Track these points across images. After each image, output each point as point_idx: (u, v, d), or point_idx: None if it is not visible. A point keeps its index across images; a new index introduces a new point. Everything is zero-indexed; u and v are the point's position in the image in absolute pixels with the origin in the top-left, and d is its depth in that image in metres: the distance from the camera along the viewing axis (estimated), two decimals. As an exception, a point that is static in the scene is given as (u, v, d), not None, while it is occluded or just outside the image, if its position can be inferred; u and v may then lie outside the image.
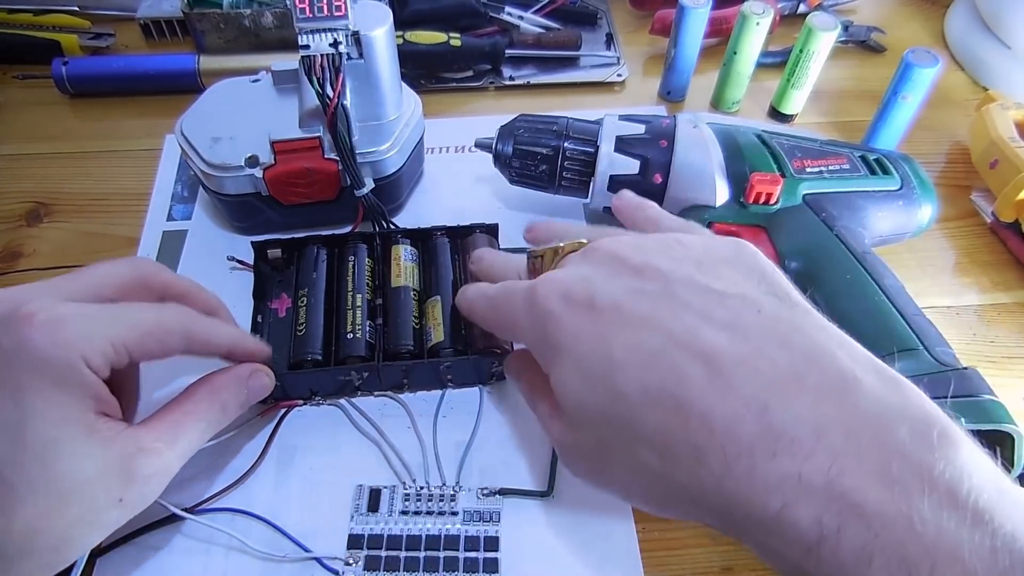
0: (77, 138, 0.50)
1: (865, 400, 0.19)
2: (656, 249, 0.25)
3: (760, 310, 0.22)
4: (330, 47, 0.36)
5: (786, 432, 0.19)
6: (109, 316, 0.26)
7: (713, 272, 0.24)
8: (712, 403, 0.20)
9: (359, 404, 0.36)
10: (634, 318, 0.22)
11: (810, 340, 0.21)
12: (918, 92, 0.44)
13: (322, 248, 0.39)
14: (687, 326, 0.22)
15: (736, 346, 0.21)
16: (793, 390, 0.20)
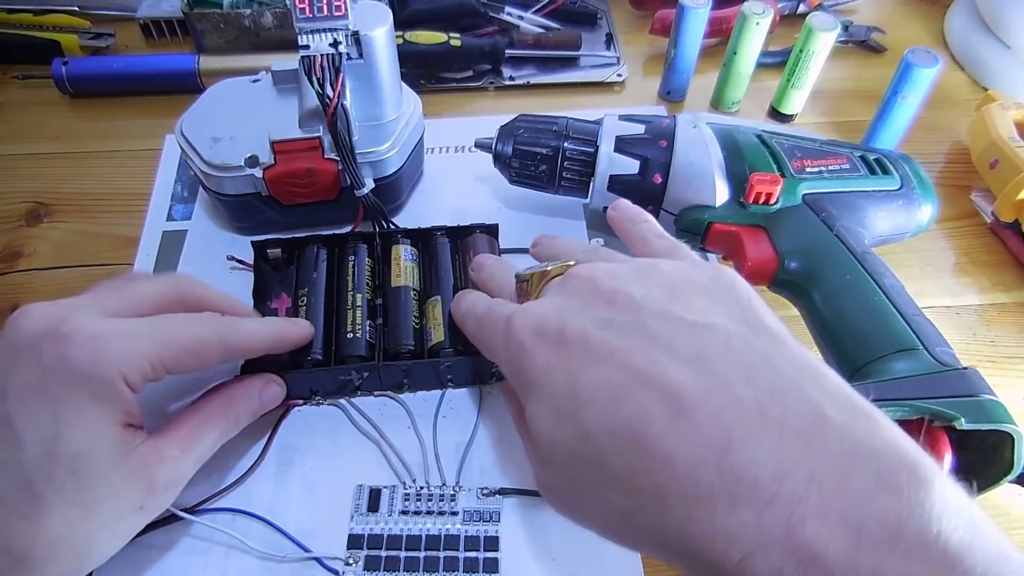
0: (77, 138, 0.50)
1: (833, 439, 0.19)
2: (631, 276, 0.25)
3: (730, 341, 0.21)
4: (330, 47, 0.36)
5: (747, 477, 0.18)
6: (147, 332, 0.27)
7: (687, 300, 0.23)
8: (675, 445, 0.20)
9: (359, 404, 0.36)
10: (601, 352, 0.22)
11: (779, 373, 0.20)
12: (918, 92, 0.44)
13: (322, 248, 0.39)
14: (653, 361, 0.21)
15: (701, 382, 0.20)
16: (756, 430, 0.19)
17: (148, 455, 0.26)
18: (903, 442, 0.19)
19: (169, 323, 0.28)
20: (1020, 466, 0.28)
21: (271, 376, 0.33)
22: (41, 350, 0.25)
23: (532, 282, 0.28)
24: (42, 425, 0.24)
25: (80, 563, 0.26)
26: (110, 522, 0.26)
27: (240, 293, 0.37)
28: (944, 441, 0.29)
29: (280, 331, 0.32)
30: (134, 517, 0.27)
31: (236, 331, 0.30)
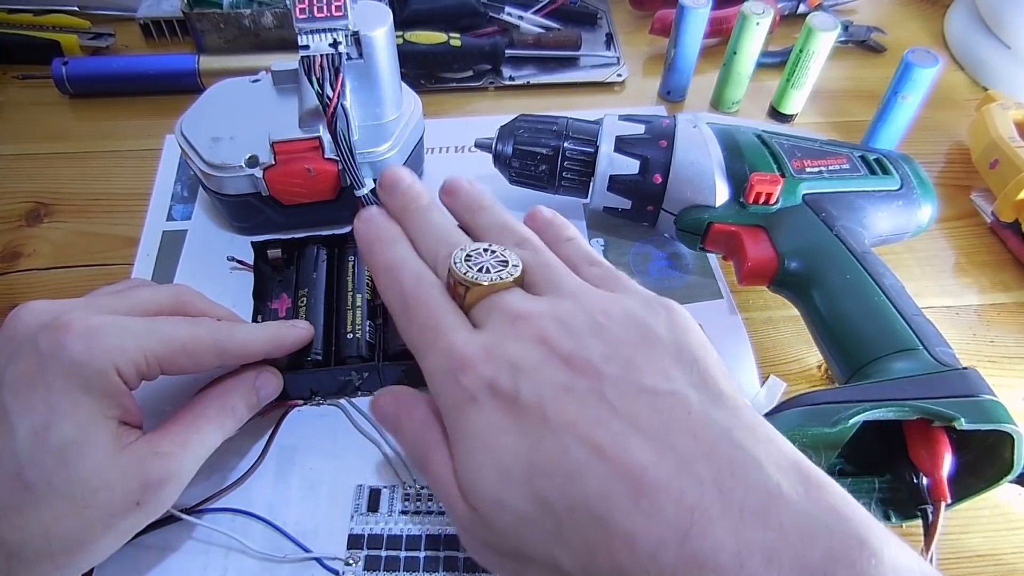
0: (77, 138, 0.50)
1: (788, 517, 0.19)
2: (587, 332, 0.24)
3: (690, 411, 0.21)
4: (330, 47, 0.36)
5: (708, 561, 0.19)
6: (144, 329, 0.27)
7: (645, 362, 0.23)
8: (636, 526, 0.20)
9: (359, 404, 0.36)
10: (560, 422, 0.21)
11: (737, 448, 0.21)
12: (918, 92, 0.44)
13: (322, 248, 0.39)
14: (614, 436, 0.21)
15: (663, 461, 0.20)
16: (717, 512, 0.19)
17: (142, 450, 0.26)
18: (853, 511, 0.20)
19: (165, 323, 0.28)
20: (1020, 466, 0.28)
21: (264, 366, 0.32)
22: (38, 340, 0.25)
23: (471, 292, 0.25)
24: (34, 414, 0.24)
25: (74, 559, 0.26)
26: (105, 518, 0.26)
27: (240, 293, 0.38)
28: (944, 441, 0.29)
29: (277, 336, 0.32)
30: (131, 514, 0.26)
31: (232, 335, 0.30)
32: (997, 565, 0.32)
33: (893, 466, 0.32)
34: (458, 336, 0.25)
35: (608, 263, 0.28)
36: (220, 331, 0.29)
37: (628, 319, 0.24)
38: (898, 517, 0.32)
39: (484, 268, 0.26)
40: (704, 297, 0.42)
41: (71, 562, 0.26)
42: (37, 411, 0.24)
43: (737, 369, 0.38)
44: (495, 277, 0.25)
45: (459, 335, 0.25)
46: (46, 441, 0.24)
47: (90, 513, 0.25)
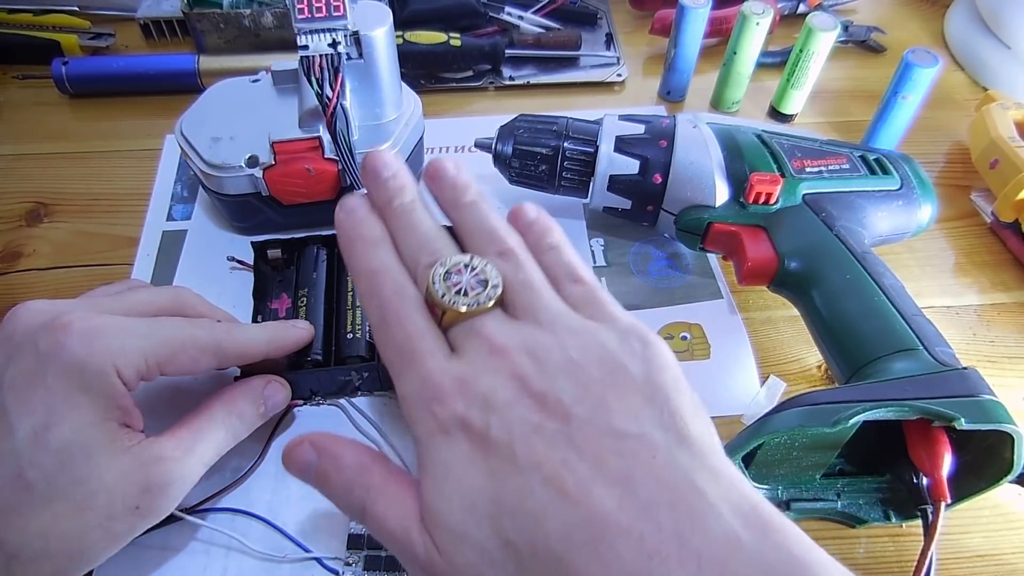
0: (77, 138, 0.50)
1: (745, 566, 0.20)
2: (561, 370, 0.23)
3: (655, 455, 0.22)
4: (329, 47, 0.36)
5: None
6: (144, 330, 0.27)
7: (616, 402, 0.23)
8: (597, 572, 0.20)
9: (359, 404, 0.36)
10: (525, 463, 0.22)
11: (699, 496, 0.21)
12: (918, 92, 0.44)
13: (322, 248, 0.39)
14: (579, 480, 0.21)
15: (624, 507, 0.21)
16: (676, 560, 0.20)
17: (143, 454, 0.26)
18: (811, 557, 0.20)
19: (164, 324, 0.28)
20: (1020, 466, 0.28)
21: (272, 377, 0.33)
22: (38, 340, 0.25)
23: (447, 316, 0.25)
24: (34, 414, 0.24)
25: (73, 562, 0.26)
26: (104, 520, 0.25)
27: (240, 293, 0.38)
28: (944, 441, 0.29)
29: (276, 337, 0.32)
30: (130, 518, 0.26)
31: (231, 335, 0.30)
32: (997, 565, 0.32)
33: (893, 466, 0.32)
34: (435, 363, 0.24)
35: (591, 278, 0.28)
36: (219, 331, 0.29)
37: (603, 356, 0.24)
38: (898, 517, 0.32)
39: (463, 290, 0.25)
40: (704, 297, 0.42)
41: (70, 564, 0.26)
42: (37, 411, 0.24)
43: (737, 369, 0.38)
44: (473, 302, 0.25)
45: (436, 362, 0.24)
46: (46, 442, 0.24)
47: (89, 516, 0.25)
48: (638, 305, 0.41)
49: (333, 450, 0.25)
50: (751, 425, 0.30)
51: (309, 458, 0.25)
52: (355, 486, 0.24)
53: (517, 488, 0.22)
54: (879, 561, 0.32)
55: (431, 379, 0.24)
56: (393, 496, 0.24)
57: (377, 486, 0.24)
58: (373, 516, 0.24)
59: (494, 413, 0.23)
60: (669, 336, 0.40)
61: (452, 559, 0.22)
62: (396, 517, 0.23)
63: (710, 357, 0.39)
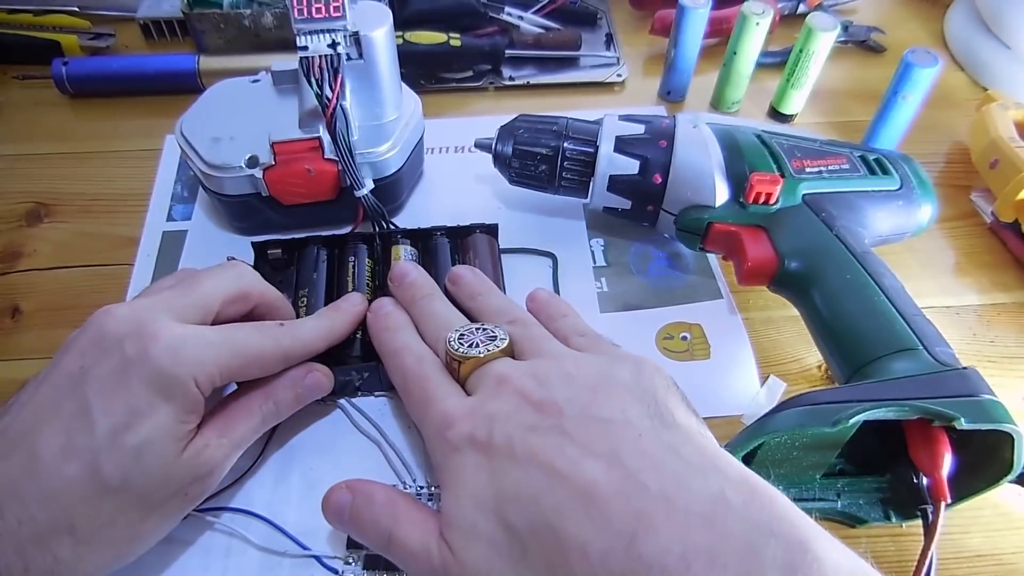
0: (77, 138, 0.50)
1: (733, 522, 0.20)
2: (558, 380, 0.27)
3: (640, 435, 0.24)
4: (328, 48, 0.36)
5: (655, 563, 0.20)
6: (220, 342, 0.29)
7: (606, 399, 0.25)
8: (589, 536, 0.21)
9: (359, 404, 0.36)
10: (525, 455, 0.24)
11: (683, 463, 0.22)
12: (918, 92, 0.44)
13: (322, 248, 0.39)
14: (568, 459, 0.23)
15: (612, 475, 0.22)
16: (663, 517, 0.21)
17: (196, 446, 0.28)
18: (798, 519, 0.21)
19: (239, 335, 0.30)
20: (1020, 466, 0.28)
21: (316, 365, 0.33)
22: (125, 345, 0.27)
23: (464, 366, 0.29)
24: (116, 413, 0.26)
25: (133, 546, 0.28)
26: (161, 509, 0.27)
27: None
28: (944, 441, 0.29)
29: (335, 328, 0.34)
30: (180, 503, 0.28)
31: (295, 339, 0.32)
32: (997, 565, 0.32)
33: (893, 466, 0.32)
34: (448, 402, 0.28)
35: (596, 332, 0.32)
36: (285, 339, 0.31)
37: (597, 369, 0.27)
38: (898, 517, 0.32)
39: (474, 344, 0.29)
40: (704, 297, 0.42)
41: (130, 549, 0.28)
42: (119, 411, 0.26)
43: (737, 369, 0.38)
44: (483, 351, 0.29)
45: (449, 401, 0.28)
46: (124, 440, 0.26)
47: (151, 504, 0.27)
48: (638, 305, 0.41)
49: (366, 490, 0.29)
50: (751, 425, 0.30)
51: (344, 499, 0.29)
52: (383, 517, 0.27)
53: (516, 478, 0.24)
54: (879, 561, 0.32)
55: (445, 412, 0.27)
56: (416, 520, 0.27)
57: (402, 514, 0.27)
58: (397, 539, 0.27)
59: (496, 423, 0.26)
60: (669, 336, 0.40)
61: (464, 557, 0.24)
62: (417, 537, 0.26)
63: (710, 357, 0.39)
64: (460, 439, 0.26)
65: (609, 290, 0.42)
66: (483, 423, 0.26)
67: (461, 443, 0.26)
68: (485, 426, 0.26)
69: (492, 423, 0.26)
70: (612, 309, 0.41)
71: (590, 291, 0.42)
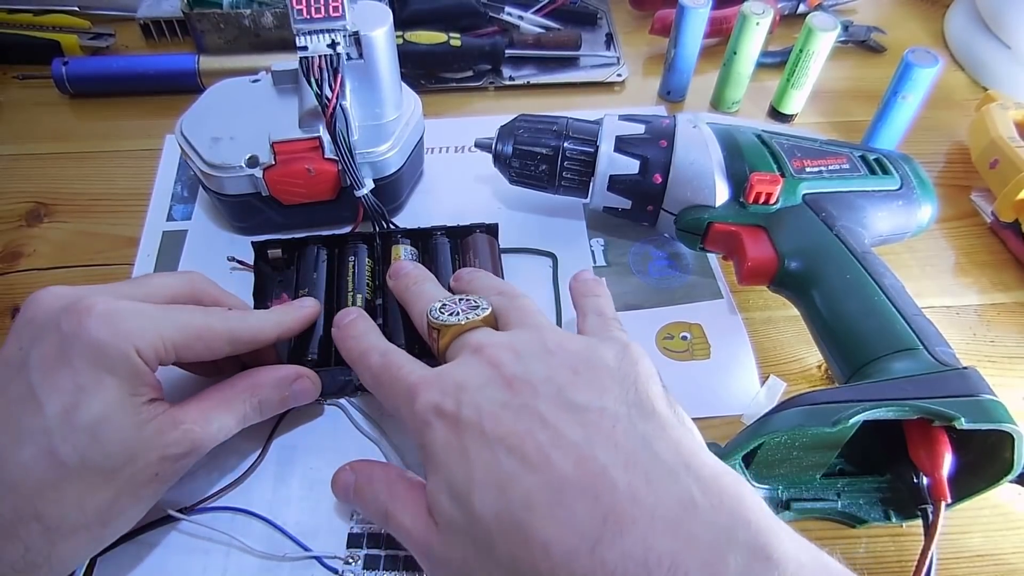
0: (77, 138, 0.50)
1: (699, 528, 0.20)
2: (538, 356, 0.26)
3: (615, 425, 0.23)
4: (328, 48, 0.36)
5: (617, 568, 0.20)
6: (161, 315, 0.28)
7: (584, 382, 0.25)
8: (553, 534, 0.21)
9: (359, 404, 0.36)
10: (494, 435, 0.23)
11: (656, 459, 0.22)
12: (918, 92, 0.44)
13: (322, 248, 0.39)
14: (539, 446, 0.23)
15: (581, 469, 0.22)
16: (628, 519, 0.21)
17: (164, 423, 0.27)
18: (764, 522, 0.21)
19: (181, 311, 0.29)
20: (1020, 466, 0.28)
21: (305, 370, 0.33)
22: (60, 322, 0.26)
23: (443, 333, 0.29)
24: (63, 393, 0.25)
25: (107, 528, 0.27)
26: (131, 488, 0.27)
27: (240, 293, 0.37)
28: (944, 441, 0.29)
29: (285, 319, 0.33)
30: (152, 485, 0.27)
31: (243, 322, 0.31)
32: (997, 565, 0.32)
33: (893, 466, 0.32)
34: (414, 374, 0.27)
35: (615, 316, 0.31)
36: (232, 319, 0.30)
37: (580, 348, 0.26)
38: (898, 517, 0.32)
39: (455, 313, 0.29)
40: (704, 297, 0.42)
41: (104, 532, 0.27)
42: (65, 390, 0.25)
43: (737, 369, 0.38)
44: (463, 318, 0.29)
45: (415, 373, 0.27)
46: (76, 419, 0.25)
47: (118, 484, 0.26)
48: (638, 305, 0.41)
49: (367, 470, 0.29)
50: (751, 425, 0.30)
51: (348, 479, 0.29)
52: (380, 494, 0.28)
53: (485, 462, 0.23)
54: (879, 561, 0.32)
55: (410, 384, 0.27)
56: (410, 499, 0.27)
57: (398, 492, 0.27)
58: (392, 516, 0.27)
59: (465, 394, 0.25)
60: (669, 336, 0.40)
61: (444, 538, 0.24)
62: (410, 515, 0.26)
63: (710, 357, 0.39)
64: (427, 409, 0.25)
65: (609, 289, 0.42)
66: (451, 392, 0.25)
67: (429, 415, 0.25)
68: (453, 396, 0.25)
69: (460, 393, 0.25)
70: (612, 309, 0.41)
71: (590, 291, 0.42)
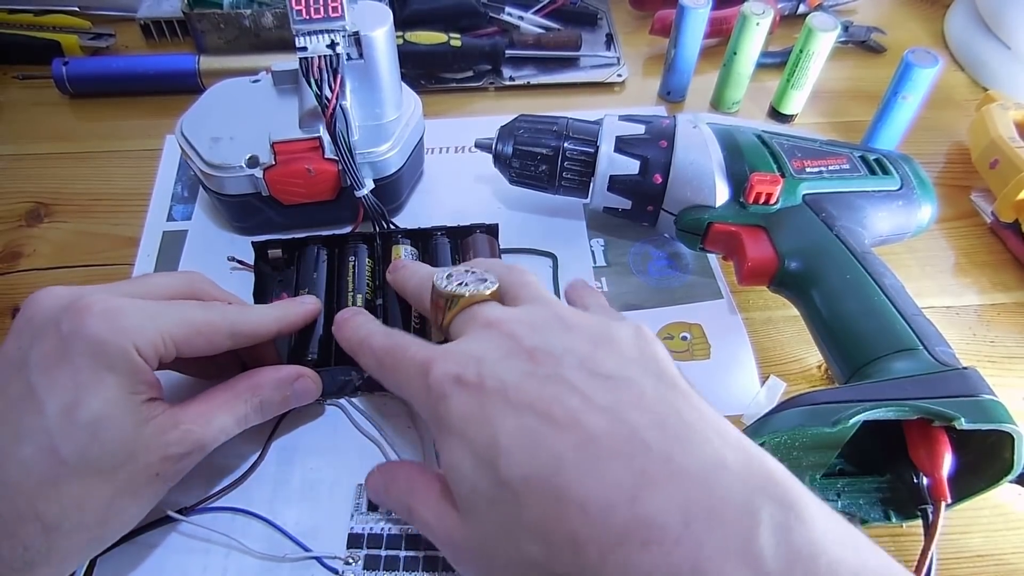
0: (77, 138, 0.50)
1: (730, 484, 0.21)
2: (554, 328, 0.26)
3: (643, 393, 0.23)
4: (327, 48, 0.36)
5: (655, 521, 0.20)
6: (160, 311, 0.28)
7: (605, 354, 0.24)
8: (588, 491, 0.21)
9: (359, 404, 0.36)
10: (520, 402, 0.23)
11: (684, 423, 0.22)
12: (918, 92, 0.44)
13: (322, 248, 0.39)
14: (569, 408, 0.22)
15: (614, 428, 0.22)
16: (664, 476, 0.21)
17: (165, 423, 0.27)
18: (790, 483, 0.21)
19: (180, 306, 0.29)
20: (1020, 466, 0.28)
21: (306, 370, 0.33)
22: (60, 321, 0.26)
23: (452, 303, 0.27)
24: (63, 391, 0.25)
25: (106, 528, 0.27)
26: (131, 488, 0.27)
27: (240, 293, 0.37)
28: (944, 441, 0.29)
29: (286, 315, 0.33)
30: (152, 484, 0.27)
31: (244, 316, 0.31)
32: (997, 565, 0.32)
33: (893, 466, 0.32)
34: (419, 350, 0.27)
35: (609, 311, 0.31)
36: (232, 314, 0.30)
37: (596, 324, 0.26)
38: (898, 517, 0.32)
39: (463, 283, 0.28)
40: (704, 297, 0.42)
41: (104, 532, 0.27)
42: (65, 389, 0.25)
43: (737, 369, 0.38)
44: (472, 290, 0.28)
45: (420, 349, 0.27)
46: (76, 417, 0.25)
47: (118, 484, 0.26)
48: (638, 305, 0.41)
49: (392, 470, 0.30)
50: (751, 425, 0.30)
51: (378, 481, 0.30)
52: (403, 494, 0.28)
53: (512, 427, 0.23)
54: (879, 561, 0.32)
55: (420, 359, 0.26)
56: (429, 491, 0.27)
57: (418, 488, 0.27)
58: (415, 512, 0.27)
59: (486, 365, 0.24)
60: (669, 336, 0.40)
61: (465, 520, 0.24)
62: (430, 506, 0.26)
63: (710, 357, 0.39)
64: (445, 381, 0.25)
65: (609, 290, 0.42)
66: (469, 364, 0.25)
67: (446, 385, 0.24)
68: (474, 368, 0.24)
69: (479, 365, 0.24)
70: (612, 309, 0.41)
71: (590, 291, 0.42)
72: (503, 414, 0.23)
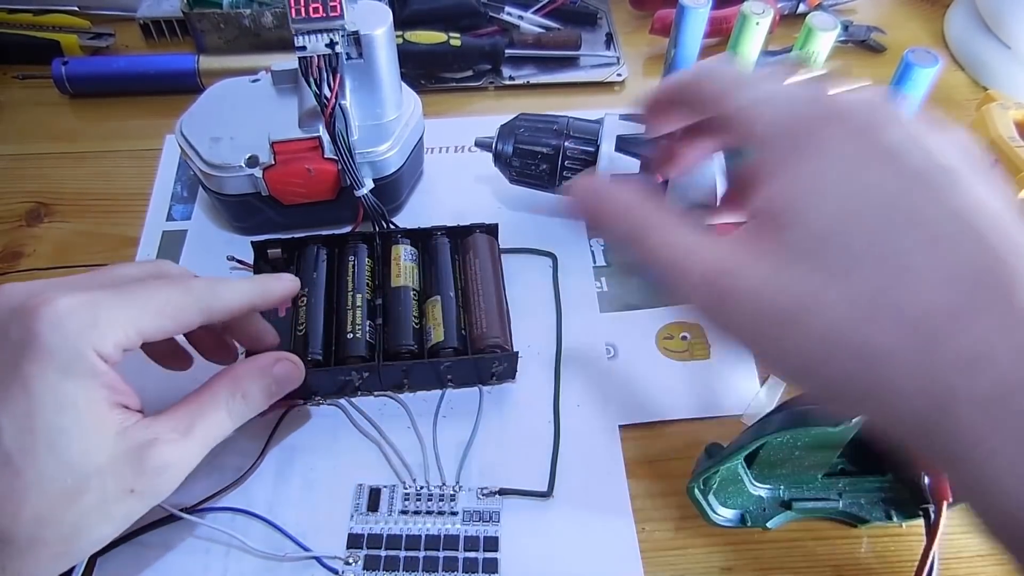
0: (77, 138, 0.50)
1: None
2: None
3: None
4: (326, 48, 0.36)
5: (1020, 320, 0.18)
6: (118, 301, 0.25)
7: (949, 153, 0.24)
8: (935, 277, 0.19)
9: (359, 404, 0.36)
10: (910, 171, 0.22)
11: None
12: (918, 92, 0.44)
13: (322, 248, 0.39)
14: (964, 194, 0.21)
15: (994, 236, 0.20)
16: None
17: (138, 435, 0.25)
18: None
19: (140, 289, 0.27)
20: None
21: (284, 353, 0.31)
22: (9, 329, 0.24)
23: None
24: (16, 403, 0.24)
25: (70, 546, 0.25)
26: (99, 504, 0.25)
27: (240, 293, 0.37)
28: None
29: (262, 286, 0.31)
30: (126, 501, 0.25)
31: (213, 290, 0.28)
32: (998, 565, 0.32)
33: (895, 465, 0.32)
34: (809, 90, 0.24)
35: None
36: (198, 288, 0.28)
37: None
38: (900, 516, 0.32)
39: None
40: (704, 297, 0.42)
41: (67, 549, 0.25)
42: (18, 401, 0.24)
43: (737, 369, 0.38)
44: None
45: None
46: (32, 429, 0.24)
47: (84, 499, 0.24)
48: (638, 305, 0.41)
49: (607, 188, 0.24)
50: (754, 425, 0.30)
51: (586, 197, 0.25)
52: (630, 220, 0.24)
53: (888, 186, 0.21)
54: (881, 561, 0.32)
55: (820, 86, 0.24)
56: (680, 222, 0.23)
57: (652, 217, 0.24)
58: (647, 248, 0.24)
59: (877, 114, 0.23)
60: (669, 336, 0.40)
61: (790, 258, 0.20)
62: (670, 248, 0.23)
63: (710, 357, 0.39)
64: (830, 111, 0.23)
65: (609, 290, 0.42)
66: (864, 108, 0.23)
67: (831, 114, 0.22)
68: (867, 113, 0.23)
69: (873, 112, 0.23)
70: (612, 309, 0.41)
71: (590, 291, 0.42)
72: (883, 174, 0.21)
